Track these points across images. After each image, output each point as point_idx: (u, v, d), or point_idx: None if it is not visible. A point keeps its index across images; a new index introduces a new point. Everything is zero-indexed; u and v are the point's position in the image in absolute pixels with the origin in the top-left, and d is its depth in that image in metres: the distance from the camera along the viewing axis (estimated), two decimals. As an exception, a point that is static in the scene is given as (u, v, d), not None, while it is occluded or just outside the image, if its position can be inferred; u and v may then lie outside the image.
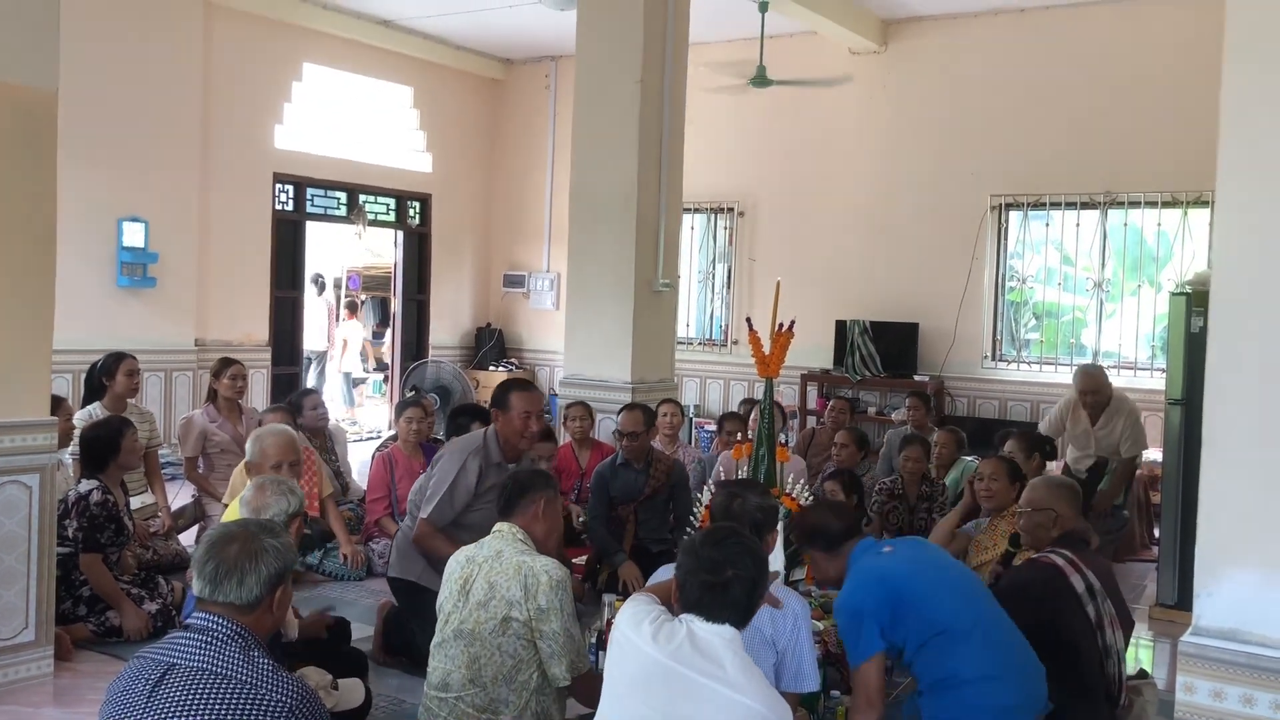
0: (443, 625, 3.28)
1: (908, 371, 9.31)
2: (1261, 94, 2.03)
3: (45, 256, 4.05)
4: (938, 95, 9.47)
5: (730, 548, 2.47)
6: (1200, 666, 1.97)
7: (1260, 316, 1.98)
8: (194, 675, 2.27)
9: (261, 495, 3.38)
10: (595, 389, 6.87)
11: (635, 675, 2.38)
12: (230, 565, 2.40)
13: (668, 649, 2.37)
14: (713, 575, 2.41)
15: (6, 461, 3.91)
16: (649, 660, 2.37)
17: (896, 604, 3.11)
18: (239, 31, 9.42)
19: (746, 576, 2.43)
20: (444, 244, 11.57)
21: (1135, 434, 6.72)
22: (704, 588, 2.42)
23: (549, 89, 11.56)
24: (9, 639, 3.97)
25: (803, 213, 10.12)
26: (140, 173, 8.56)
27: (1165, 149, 8.41)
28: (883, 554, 3.27)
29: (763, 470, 4.43)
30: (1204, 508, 1.99)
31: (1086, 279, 9.36)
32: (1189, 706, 1.98)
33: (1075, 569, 3.55)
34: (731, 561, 2.43)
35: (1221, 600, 1.95)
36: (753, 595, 2.46)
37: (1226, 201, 2.03)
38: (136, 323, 8.54)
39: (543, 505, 3.40)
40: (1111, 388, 6.91)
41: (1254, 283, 1.99)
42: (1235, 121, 2.04)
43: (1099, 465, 6.83)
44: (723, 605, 2.41)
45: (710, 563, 2.43)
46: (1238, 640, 1.94)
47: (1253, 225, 1.99)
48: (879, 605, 3.10)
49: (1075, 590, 3.50)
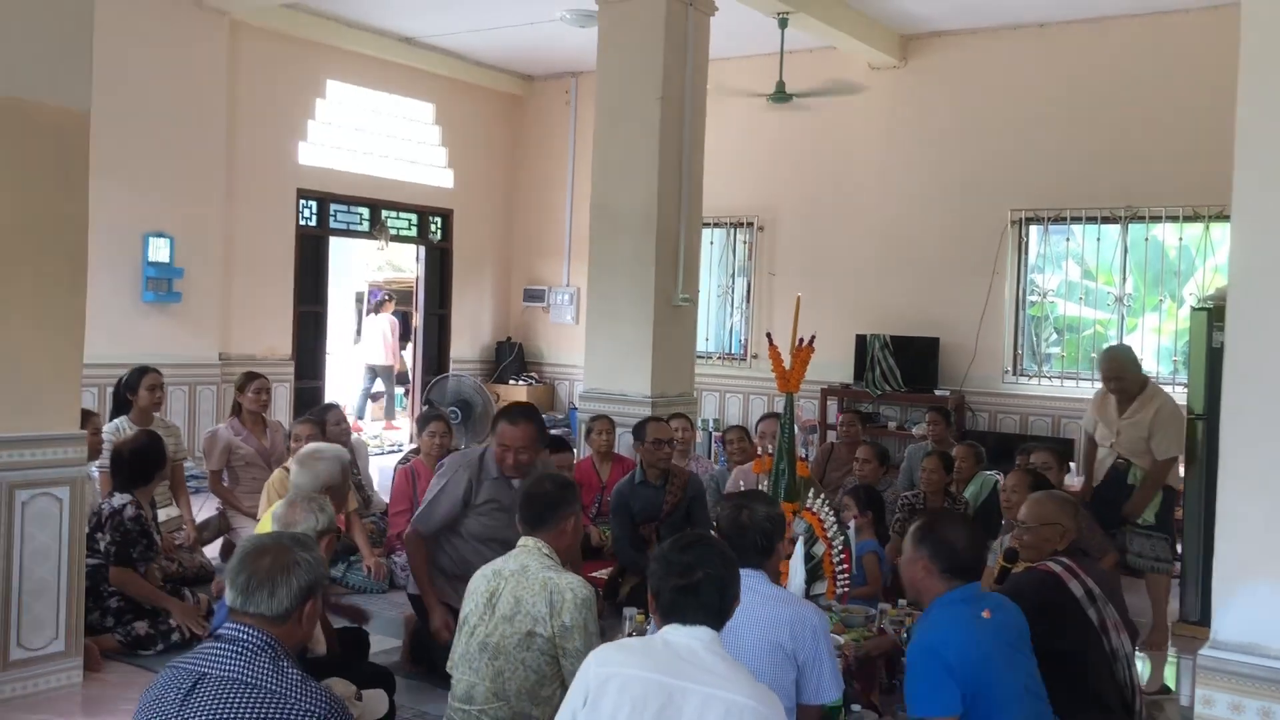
0: (467, 638, 3.32)
1: (928, 386, 9.30)
2: (1277, 107, 2.04)
3: (77, 274, 4.13)
4: (957, 110, 9.48)
5: (698, 550, 2.51)
6: (1219, 680, 1.99)
7: (1276, 333, 1.99)
8: (225, 684, 2.31)
9: (292, 512, 3.43)
10: (615, 403, 6.91)
11: (622, 704, 2.34)
12: (262, 577, 2.44)
13: (649, 662, 2.38)
14: (683, 578, 2.44)
15: (38, 475, 3.99)
16: (632, 680, 2.35)
17: (975, 685, 2.93)
18: (263, 49, 9.54)
19: (716, 575, 2.46)
20: (465, 259, 11.65)
21: (1170, 430, 5.55)
22: (676, 591, 2.45)
23: (569, 105, 11.65)
24: (40, 649, 4.04)
25: (822, 227, 10.14)
26: (165, 189, 8.67)
27: (1187, 163, 8.38)
28: (981, 619, 3.04)
29: (783, 484, 4.44)
30: (1221, 523, 2.01)
31: (1108, 293, 9.33)
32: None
33: (1072, 574, 3.55)
34: (700, 563, 2.46)
35: (1239, 614, 1.97)
36: (724, 595, 2.48)
37: (1242, 217, 2.05)
38: (161, 337, 8.64)
39: (572, 522, 3.44)
40: (1141, 375, 5.88)
41: (1270, 300, 2.01)
42: (1250, 135, 2.06)
43: (1117, 473, 5.73)
44: (696, 607, 2.44)
45: (680, 566, 2.46)
46: (1256, 654, 1.96)
47: (1269, 241, 2.01)
48: (965, 675, 2.91)
49: (1074, 595, 3.50)
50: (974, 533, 3.23)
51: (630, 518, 5.63)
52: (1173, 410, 5.62)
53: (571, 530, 3.46)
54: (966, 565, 3.09)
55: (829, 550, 4.28)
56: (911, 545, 3.17)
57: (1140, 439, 5.58)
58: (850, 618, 4.42)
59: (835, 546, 4.31)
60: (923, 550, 3.11)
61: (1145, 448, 5.58)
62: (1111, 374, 5.81)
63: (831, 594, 4.30)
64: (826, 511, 4.40)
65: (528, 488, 3.60)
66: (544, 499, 3.48)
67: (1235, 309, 2.07)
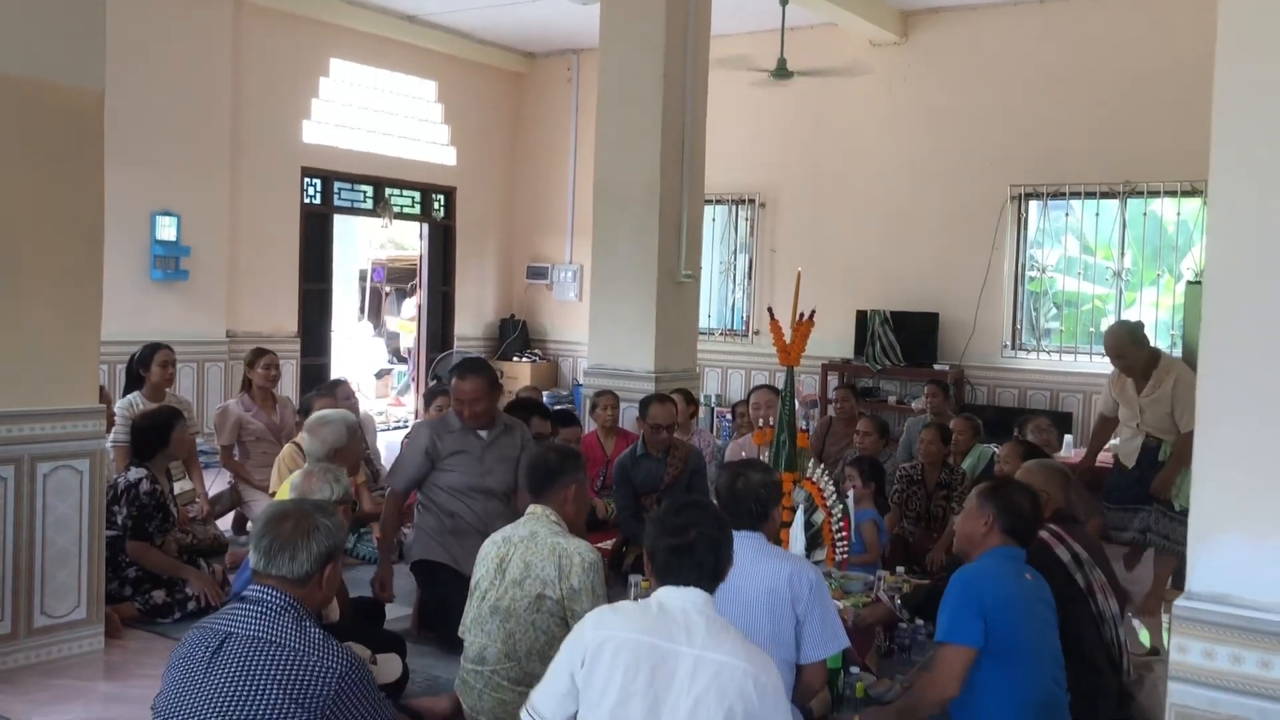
0: (479, 602, 3.43)
1: (928, 361, 9.40)
2: (1253, 83, 2.14)
3: (93, 252, 4.22)
4: (957, 86, 9.53)
5: (692, 512, 2.58)
6: (1192, 629, 2.10)
7: (1249, 303, 2.10)
8: (250, 643, 2.43)
9: (309, 482, 3.55)
10: (620, 378, 7.00)
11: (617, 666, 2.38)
12: (284, 541, 2.56)
13: (643, 625, 2.42)
14: (677, 538, 2.51)
15: (59, 447, 4.09)
16: (627, 643, 2.39)
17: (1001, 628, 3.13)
18: (267, 28, 9.59)
19: (710, 535, 2.52)
20: (468, 236, 11.72)
21: (1191, 399, 5.22)
22: (670, 551, 2.51)
23: (571, 82, 11.69)
24: (63, 616, 4.16)
25: (823, 204, 10.21)
26: (172, 168, 8.74)
27: (1185, 138, 8.40)
28: (1024, 579, 3.28)
29: (784, 456, 4.55)
30: (1197, 481, 2.12)
31: (1106, 268, 9.41)
32: (1182, 666, 2.12)
33: (1060, 540, 3.71)
34: (694, 523, 2.53)
35: (1212, 567, 2.08)
36: (718, 554, 2.53)
37: (1219, 189, 2.15)
38: (170, 315, 8.73)
39: (574, 490, 3.55)
40: (1148, 350, 5.65)
41: (1243, 273, 2.11)
42: (1227, 113, 2.16)
43: (1149, 453, 5.51)
44: (690, 567, 2.48)
45: (674, 527, 2.53)
46: (1227, 604, 2.08)
47: (1243, 217, 2.11)
48: (995, 615, 3.12)
49: (1061, 560, 3.66)
50: (1037, 501, 3.49)
51: (632, 489, 5.74)
52: (1191, 380, 5.21)
53: (573, 498, 3.58)
54: (1027, 528, 3.35)
55: (828, 518, 4.40)
56: (978, 502, 3.40)
57: (1165, 415, 5.40)
58: (849, 584, 4.54)
59: (834, 515, 4.42)
60: (989, 508, 3.35)
61: (1171, 423, 5.38)
62: (1114, 352, 5.69)
63: (831, 560, 4.41)
64: (826, 481, 4.51)
65: (531, 458, 3.75)
66: (545, 467, 3.61)
67: (1212, 281, 2.18)
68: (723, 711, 2.31)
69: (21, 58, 3.92)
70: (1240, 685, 2.10)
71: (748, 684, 2.34)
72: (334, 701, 2.39)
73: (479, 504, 4.64)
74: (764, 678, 2.38)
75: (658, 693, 2.34)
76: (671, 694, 2.33)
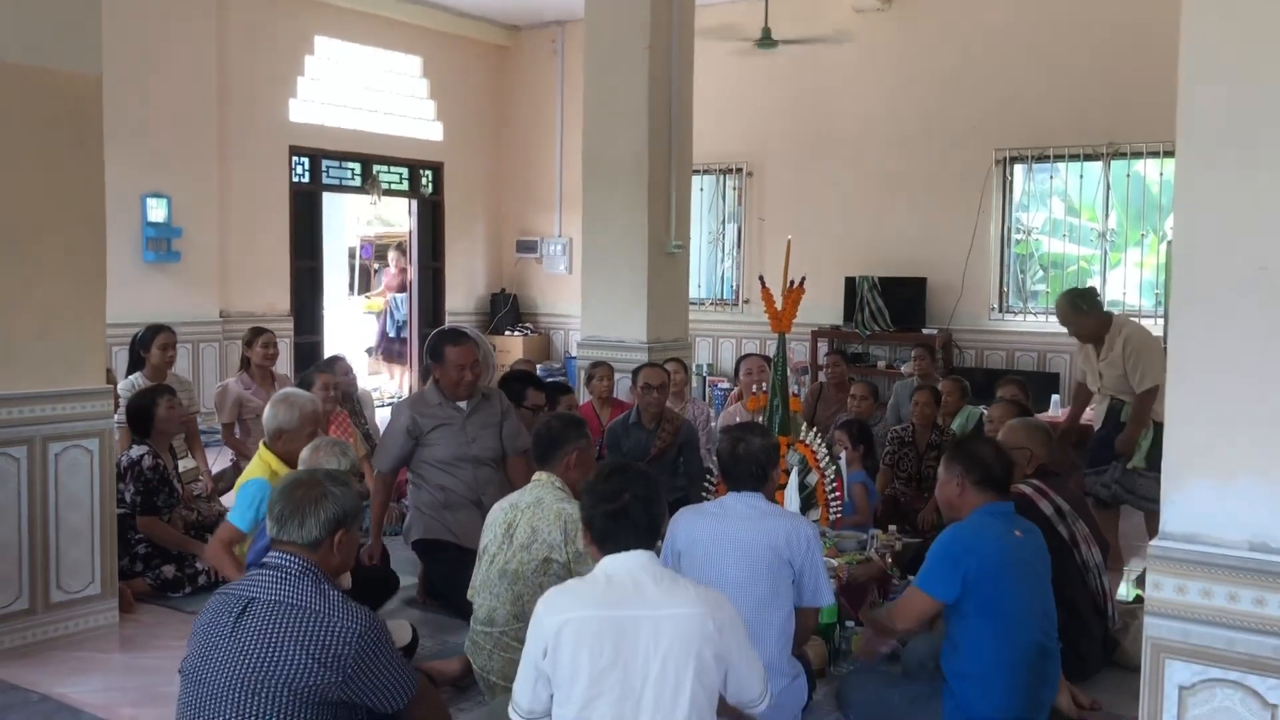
0: (488, 566, 3.56)
1: (916, 325, 9.52)
2: (1220, 40, 2.25)
3: (96, 234, 4.29)
4: (941, 51, 9.59)
5: (622, 476, 2.65)
6: (1166, 567, 2.23)
7: (1213, 255, 2.23)
8: (273, 607, 2.53)
9: (315, 456, 3.64)
10: (613, 349, 7.10)
11: (580, 646, 2.41)
12: (294, 507, 2.66)
13: (595, 599, 2.46)
14: (611, 503, 2.57)
15: (69, 427, 4.19)
16: (585, 621, 2.42)
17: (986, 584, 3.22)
18: (253, 7, 9.59)
19: (642, 496, 2.57)
20: (457, 211, 11.77)
21: (1141, 359, 5.43)
22: (606, 517, 2.57)
23: (556, 55, 11.70)
24: (78, 591, 4.27)
25: (810, 171, 10.28)
26: (161, 149, 8.77)
27: (1168, 99, 8.38)
28: (1012, 536, 3.34)
29: (777, 420, 4.67)
30: (1169, 427, 2.24)
31: (1091, 230, 9.53)
32: (1156, 601, 2.25)
33: (1042, 495, 3.84)
34: (626, 486, 2.60)
35: (1184, 508, 2.21)
36: (652, 512, 2.58)
37: (1188, 147, 2.27)
38: (163, 296, 8.78)
39: (575, 456, 3.67)
40: (1097, 316, 5.77)
41: (1207, 226, 2.24)
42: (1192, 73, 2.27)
43: (1113, 414, 5.66)
44: (627, 530, 2.55)
45: (606, 493, 2.60)
46: (1197, 542, 2.20)
47: (1212, 173, 2.23)
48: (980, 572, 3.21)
49: (1044, 514, 3.79)
50: (1000, 448, 3.55)
51: (621, 456, 5.85)
52: (1141, 340, 5.56)
53: (576, 464, 3.69)
54: (997, 476, 3.39)
55: (821, 480, 4.52)
56: (944, 468, 3.47)
57: (1120, 377, 5.55)
58: (843, 543, 4.67)
59: (828, 476, 4.54)
60: (955, 468, 3.42)
61: (1128, 385, 5.53)
62: (1061, 321, 5.87)
63: (825, 520, 4.54)
64: (819, 444, 4.63)
65: (537, 427, 3.86)
66: (549, 435, 3.74)
67: (1180, 235, 2.30)
68: (692, 660, 2.40)
69: (21, 45, 3.97)
70: (1210, 617, 2.23)
71: (708, 625, 2.43)
72: (355, 659, 2.50)
73: (468, 473, 4.74)
74: (720, 614, 2.48)
75: (626, 661, 2.39)
76: (640, 659, 2.40)
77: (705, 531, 3.30)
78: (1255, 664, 2.21)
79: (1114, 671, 3.97)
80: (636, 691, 2.40)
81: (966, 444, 3.55)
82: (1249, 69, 2.24)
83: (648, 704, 2.39)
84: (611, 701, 2.39)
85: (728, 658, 2.48)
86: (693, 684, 2.40)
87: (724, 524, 3.29)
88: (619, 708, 2.39)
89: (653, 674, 2.40)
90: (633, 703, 2.39)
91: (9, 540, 4.06)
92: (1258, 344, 2.18)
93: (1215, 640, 2.23)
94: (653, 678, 2.40)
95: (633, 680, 2.40)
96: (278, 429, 4.34)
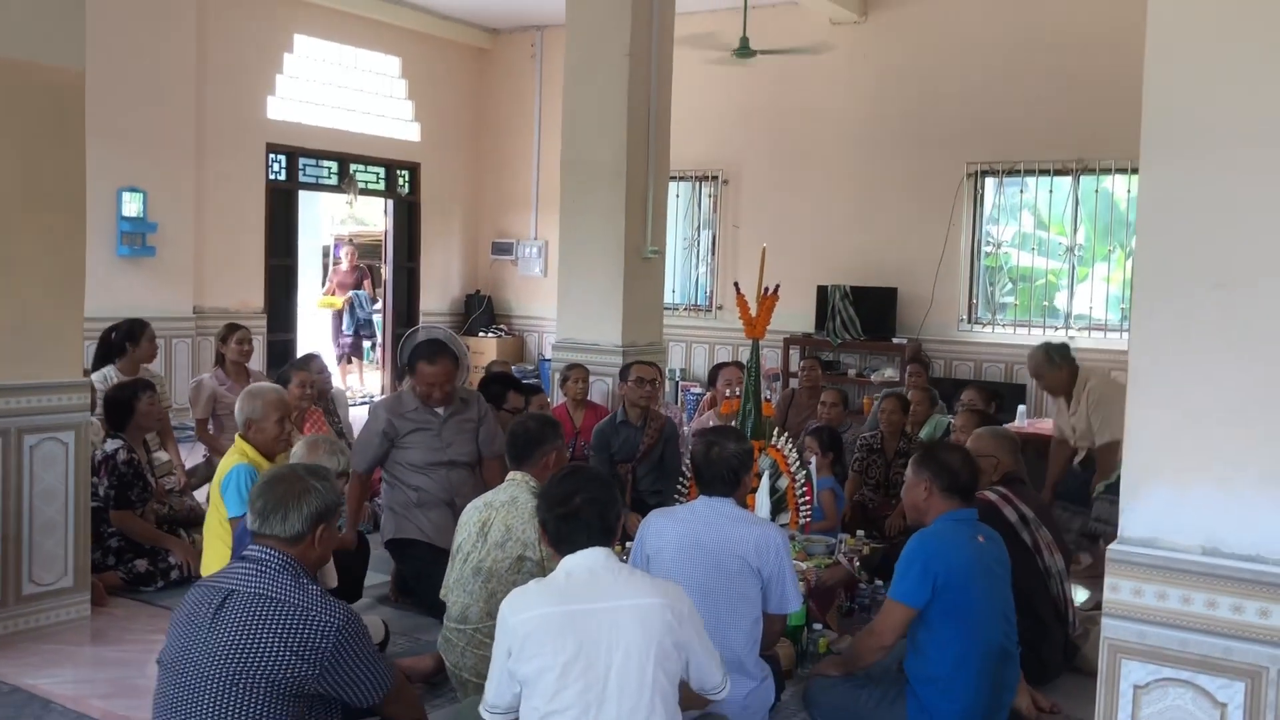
0: (461, 564, 3.60)
1: (887, 335, 9.64)
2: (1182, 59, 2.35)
3: (76, 228, 4.31)
4: (915, 65, 9.73)
5: (574, 479, 2.72)
6: (1124, 570, 2.32)
7: (1175, 269, 2.34)
8: (252, 600, 2.56)
9: (314, 453, 3.67)
10: (588, 352, 7.15)
11: (544, 642, 2.46)
12: (276, 502, 2.69)
13: (555, 596, 2.52)
14: (563, 505, 2.63)
15: (45, 420, 4.19)
16: (547, 618, 2.48)
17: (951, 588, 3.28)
18: (231, 3, 9.58)
19: (595, 498, 2.64)
20: (433, 212, 11.78)
21: (1102, 410, 5.52)
22: (560, 519, 2.64)
23: (535, 58, 11.75)
24: (50, 584, 4.27)
25: (785, 180, 10.39)
26: (138, 144, 8.73)
27: (1136, 117, 8.52)
28: (976, 542, 3.40)
29: (749, 424, 4.74)
30: (1129, 434, 2.34)
31: (1060, 243, 9.69)
32: (1113, 603, 2.35)
33: (1007, 501, 3.94)
34: (578, 489, 2.66)
35: (1142, 513, 2.29)
36: (606, 515, 2.64)
37: (1150, 161, 2.37)
38: (137, 291, 8.74)
39: (553, 457, 3.71)
40: (1066, 369, 5.86)
41: (1169, 236, 2.33)
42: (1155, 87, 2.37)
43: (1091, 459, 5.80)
44: (580, 530, 2.61)
45: (559, 497, 2.67)
46: (1154, 546, 2.29)
47: (1171, 186, 2.33)
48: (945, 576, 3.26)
49: (1008, 520, 3.88)
50: (968, 456, 3.60)
51: (609, 457, 5.92)
52: (1103, 392, 5.62)
53: (554, 464, 3.73)
54: (964, 484, 3.45)
55: (792, 484, 4.59)
56: (913, 471, 3.53)
57: (1088, 432, 5.65)
58: (812, 546, 4.75)
59: (798, 481, 4.62)
60: (924, 473, 3.48)
61: None
62: (1033, 375, 5.98)
63: (795, 524, 4.61)
64: (790, 449, 4.71)
65: (513, 426, 3.90)
66: (526, 435, 3.78)
67: (1141, 247, 2.40)
68: (653, 648, 2.47)
69: (5, 37, 3.98)
70: (1164, 619, 2.32)
71: (666, 615, 2.51)
72: (333, 653, 2.53)
73: (442, 475, 4.77)
74: (678, 605, 2.56)
75: (589, 653, 2.45)
76: (603, 649, 2.46)
77: (674, 535, 3.33)
78: (1206, 664, 2.29)
79: (1074, 676, 4.05)
80: (601, 681, 2.46)
81: (936, 450, 3.61)
82: (1209, 86, 2.34)
83: (613, 691, 2.46)
84: (578, 691, 2.45)
85: (688, 645, 2.56)
86: (654, 671, 2.47)
87: (692, 528, 3.32)
88: (585, 697, 2.46)
89: (615, 663, 2.46)
90: (598, 691, 2.46)
91: (-18, 532, 4.06)
92: (1214, 354, 2.28)
93: (1169, 641, 2.32)
94: (616, 667, 2.46)
95: (597, 669, 2.46)
96: (247, 420, 4.40)
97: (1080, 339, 9.25)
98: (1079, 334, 9.32)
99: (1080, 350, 9.10)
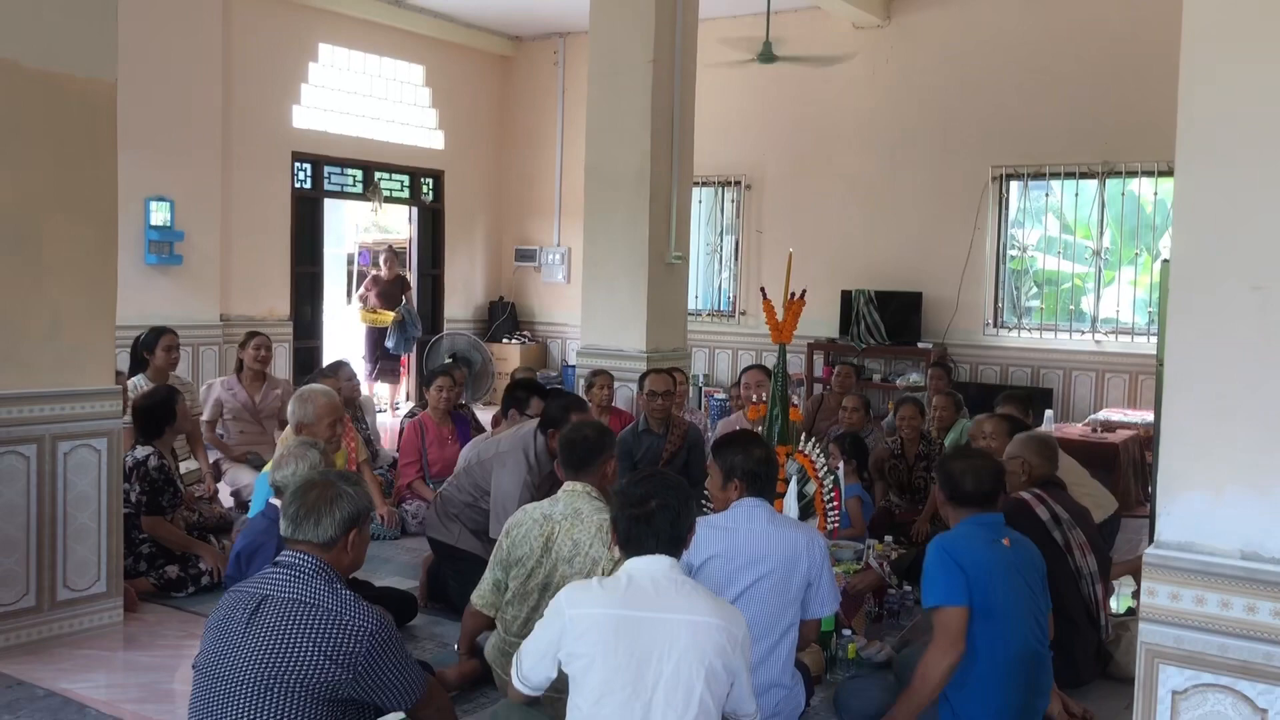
0: (525, 579, 3.48)
1: (911, 339, 9.60)
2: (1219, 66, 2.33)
3: (108, 237, 4.35)
4: (939, 68, 9.70)
5: (653, 483, 2.71)
6: (1160, 574, 2.30)
7: (1211, 273, 2.33)
8: (286, 604, 2.58)
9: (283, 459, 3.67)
10: (612, 358, 7.16)
11: (597, 642, 2.48)
12: (309, 507, 2.72)
13: (615, 599, 2.53)
14: (638, 508, 2.64)
15: (78, 427, 4.23)
16: (603, 619, 2.50)
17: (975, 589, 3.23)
18: (257, 13, 9.66)
19: (670, 505, 2.64)
20: (457, 219, 11.84)
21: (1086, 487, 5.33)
22: (631, 520, 2.64)
23: (557, 65, 11.80)
24: (84, 590, 4.31)
25: (808, 185, 10.37)
26: (165, 153, 8.81)
27: (1162, 119, 8.48)
28: (998, 544, 3.36)
29: (776, 429, 4.72)
30: (1164, 439, 2.32)
31: (1086, 247, 9.63)
32: (1150, 607, 2.33)
33: (1040, 501, 3.91)
34: (654, 494, 2.66)
35: (1178, 518, 2.28)
36: (677, 524, 2.64)
37: (1186, 165, 2.34)
38: (165, 299, 8.82)
39: (612, 464, 3.66)
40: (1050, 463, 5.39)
41: (1206, 243, 2.32)
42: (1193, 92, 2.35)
43: None
44: (650, 535, 2.61)
45: (635, 498, 2.67)
46: (1190, 551, 2.27)
47: (1206, 190, 2.32)
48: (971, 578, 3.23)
49: (1040, 519, 3.85)
50: (979, 462, 3.52)
51: (633, 464, 5.91)
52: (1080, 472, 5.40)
53: (612, 473, 3.67)
54: (968, 492, 3.41)
55: (820, 489, 4.57)
56: (936, 480, 3.55)
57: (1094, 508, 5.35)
58: (840, 552, 4.73)
59: (825, 486, 4.60)
60: (937, 483, 3.51)
61: None
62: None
63: (823, 529, 4.59)
64: (817, 454, 4.69)
65: (568, 434, 3.74)
66: (585, 444, 3.64)
67: (1177, 252, 2.38)
68: (703, 667, 2.46)
69: (39, 51, 4.03)
70: (1203, 624, 2.30)
71: (721, 638, 2.50)
72: (366, 657, 2.55)
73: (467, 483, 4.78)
74: (735, 630, 2.55)
75: (640, 661, 2.45)
76: (653, 660, 2.46)
77: (720, 546, 3.29)
78: (1247, 670, 2.28)
79: (1106, 683, 4.03)
80: (648, 691, 2.46)
81: (945, 461, 3.58)
82: (1246, 89, 2.32)
83: (658, 704, 2.45)
84: (623, 699, 2.45)
85: (736, 672, 2.55)
86: (702, 690, 2.46)
87: (737, 539, 3.29)
88: (629, 705, 2.45)
89: (665, 676, 2.46)
90: (643, 702, 2.45)
91: (17, 538, 4.10)
92: (1250, 358, 2.26)
93: (1208, 646, 2.30)
94: (664, 679, 2.46)
95: (645, 679, 2.46)
96: (299, 423, 4.49)
97: (1107, 343, 9.19)
98: (1105, 338, 9.26)
99: (1108, 354, 9.14)
